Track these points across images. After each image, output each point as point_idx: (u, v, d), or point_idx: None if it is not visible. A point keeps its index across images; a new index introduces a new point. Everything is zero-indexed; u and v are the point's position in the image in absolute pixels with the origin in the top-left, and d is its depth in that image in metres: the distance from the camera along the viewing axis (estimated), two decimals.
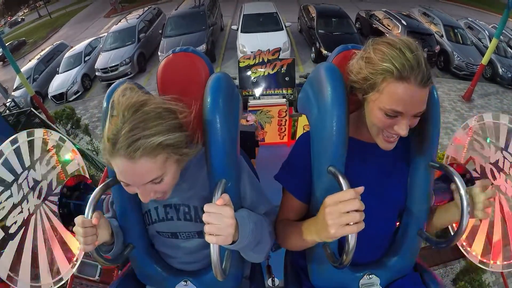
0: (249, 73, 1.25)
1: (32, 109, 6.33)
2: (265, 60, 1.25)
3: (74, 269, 1.15)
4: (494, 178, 1.13)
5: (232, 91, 0.88)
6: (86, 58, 9.85)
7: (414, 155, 0.89)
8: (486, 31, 10.13)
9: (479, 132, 1.17)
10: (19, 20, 25.56)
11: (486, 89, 7.88)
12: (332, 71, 0.82)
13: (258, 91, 1.26)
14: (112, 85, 0.87)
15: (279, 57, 1.27)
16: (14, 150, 1.08)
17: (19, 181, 1.07)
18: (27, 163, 1.10)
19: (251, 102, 1.83)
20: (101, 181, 2.14)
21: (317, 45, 8.34)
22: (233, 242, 0.73)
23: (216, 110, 0.81)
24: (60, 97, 8.72)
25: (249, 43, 7.58)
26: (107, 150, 0.67)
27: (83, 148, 5.54)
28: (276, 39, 7.67)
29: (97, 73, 9.08)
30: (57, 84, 9.06)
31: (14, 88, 9.27)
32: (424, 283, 0.98)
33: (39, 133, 1.16)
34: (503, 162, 1.11)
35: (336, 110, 0.77)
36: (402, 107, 0.73)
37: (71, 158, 1.24)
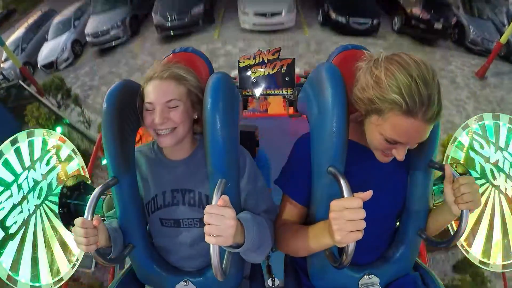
0: (249, 73, 1.24)
1: (20, 82, 5.97)
2: (265, 60, 1.24)
3: (74, 269, 1.15)
4: (494, 178, 1.13)
5: (232, 91, 0.88)
6: (76, 23, 8.99)
7: (414, 155, 0.89)
8: (504, 7, 9.24)
9: (479, 132, 1.17)
10: None
11: (500, 67, 7.21)
12: (332, 71, 0.82)
13: (258, 91, 1.25)
14: (112, 86, 0.87)
15: (279, 57, 1.27)
16: (14, 150, 1.08)
17: (19, 181, 1.07)
18: (27, 163, 1.10)
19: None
20: (93, 152, 2.05)
21: (326, 7, 7.63)
22: (238, 246, 0.73)
23: (216, 110, 0.81)
24: (51, 66, 7.99)
25: (251, 3, 7.24)
26: (145, 81, 0.89)
27: (74, 122, 5.29)
28: (279, 0, 7.32)
29: (87, 39, 8.41)
30: (46, 52, 8.35)
31: (2, 60, 8.43)
32: (424, 283, 0.98)
33: (39, 133, 1.16)
34: (503, 162, 1.12)
35: (336, 110, 0.77)
36: (404, 139, 0.71)
37: (71, 158, 1.24)
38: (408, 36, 7.81)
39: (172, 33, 8.00)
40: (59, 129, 4.74)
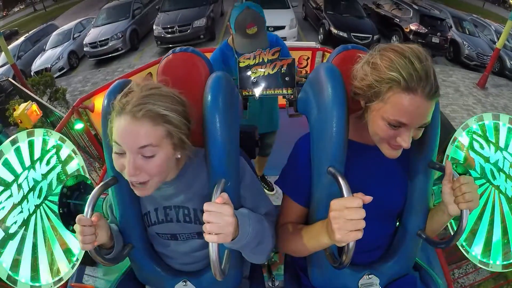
0: (249, 73, 1.24)
1: (10, 79, 5.71)
2: (265, 60, 1.24)
3: (74, 269, 1.15)
4: (494, 178, 1.13)
5: (232, 91, 0.88)
6: (76, 35, 8.87)
7: (413, 155, 0.89)
8: (492, 27, 10.00)
9: (479, 132, 1.17)
10: None
11: (497, 81, 7.91)
12: (332, 71, 0.82)
13: (258, 91, 1.25)
14: (113, 84, 0.87)
15: (279, 57, 1.26)
16: (14, 150, 1.08)
17: (19, 181, 1.07)
18: (27, 163, 1.10)
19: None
20: (100, 177, 2.09)
21: (326, 25, 8.20)
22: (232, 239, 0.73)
23: (216, 110, 0.81)
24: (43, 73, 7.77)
25: None
26: (116, 111, 0.71)
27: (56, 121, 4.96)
28: (282, 17, 7.50)
29: (85, 49, 8.16)
30: (41, 60, 8.07)
31: None
32: (424, 283, 0.98)
33: (39, 133, 1.16)
34: (503, 162, 1.12)
35: (336, 111, 0.77)
36: (406, 118, 0.71)
37: (71, 158, 1.24)
38: None
39: (172, 46, 7.89)
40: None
